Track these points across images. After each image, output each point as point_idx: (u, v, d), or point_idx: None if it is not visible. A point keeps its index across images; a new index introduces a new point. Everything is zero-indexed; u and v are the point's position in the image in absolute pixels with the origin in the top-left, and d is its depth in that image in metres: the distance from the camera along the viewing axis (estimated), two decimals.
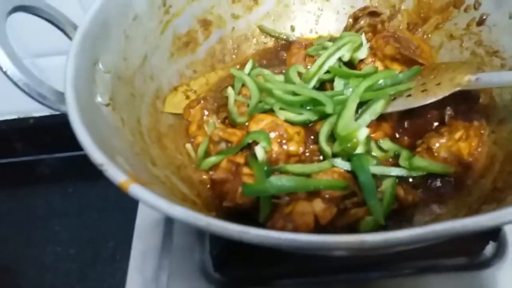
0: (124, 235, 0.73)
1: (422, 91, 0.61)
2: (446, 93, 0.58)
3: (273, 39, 0.82)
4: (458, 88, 0.57)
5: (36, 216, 0.96)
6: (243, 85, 0.70)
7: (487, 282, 0.62)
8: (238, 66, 0.78)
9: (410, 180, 0.59)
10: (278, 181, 0.54)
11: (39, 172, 1.06)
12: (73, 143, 0.43)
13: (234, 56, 0.80)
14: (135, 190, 0.38)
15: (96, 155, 0.41)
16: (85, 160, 0.41)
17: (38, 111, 1.03)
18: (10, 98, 0.98)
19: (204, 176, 0.60)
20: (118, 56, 0.60)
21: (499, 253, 0.65)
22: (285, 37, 0.82)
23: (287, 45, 0.80)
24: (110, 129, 0.52)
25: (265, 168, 0.56)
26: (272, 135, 0.60)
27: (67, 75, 0.49)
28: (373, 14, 0.76)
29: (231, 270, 0.63)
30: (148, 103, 0.65)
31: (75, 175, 1.01)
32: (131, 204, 0.75)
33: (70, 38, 0.58)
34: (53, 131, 1.02)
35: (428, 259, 0.63)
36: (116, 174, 0.39)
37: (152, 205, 0.37)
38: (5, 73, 0.45)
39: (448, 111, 0.62)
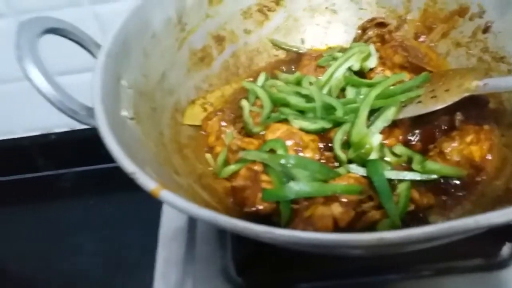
0: (146, 245, 0.74)
1: (432, 97, 0.62)
2: (455, 99, 0.59)
3: (284, 51, 0.85)
4: (467, 94, 0.59)
5: (58, 229, 0.98)
6: (258, 96, 0.73)
7: (505, 282, 0.63)
8: (251, 79, 0.81)
9: (424, 183, 0.60)
10: (296, 186, 0.56)
11: (60, 187, 1.08)
12: (93, 158, 0.46)
13: (247, 69, 0.83)
14: (167, 195, 0.41)
15: (128, 165, 0.43)
16: (105, 173, 0.44)
17: (60, 127, 1.07)
18: (33, 115, 1.02)
19: (225, 184, 0.63)
20: (138, 72, 0.63)
21: None
22: (295, 49, 0.85)
23: (298, 57, 0.82)
24: (136, 141, 0.55)
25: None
26: (289, 143, 0.62)
27: (95, 91, 0.52)
28: (381, 25, 0.79)
29: (253, 275, 0.65)
30: (168, 116, 0.68)
31: (95, 189, 1.03)
32: (151, 215, 0.77)
33: (94, 56, 0.62)
34: (73, 146, 1.06)
35: (445, 261, 0.64)
36: (147, 182, 0.42)
37: (183, 209, 0.40)
38: (41, 92, 0.48)
39: (458, 116, 0.64)
